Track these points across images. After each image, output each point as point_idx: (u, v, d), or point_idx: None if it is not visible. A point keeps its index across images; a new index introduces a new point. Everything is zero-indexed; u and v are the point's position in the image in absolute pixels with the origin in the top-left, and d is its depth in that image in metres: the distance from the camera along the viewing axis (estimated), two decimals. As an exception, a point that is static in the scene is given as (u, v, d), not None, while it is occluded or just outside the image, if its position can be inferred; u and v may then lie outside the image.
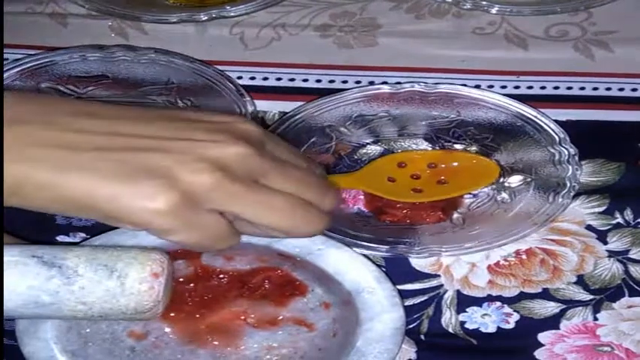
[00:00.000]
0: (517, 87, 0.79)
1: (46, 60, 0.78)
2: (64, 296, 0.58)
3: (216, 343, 0.60)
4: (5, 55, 0.80)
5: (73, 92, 0.77)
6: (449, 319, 0.63)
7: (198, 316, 0.61)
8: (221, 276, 0.63)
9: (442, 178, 0.70)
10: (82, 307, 0.59)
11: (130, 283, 0.59)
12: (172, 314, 0.61)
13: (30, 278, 0.58)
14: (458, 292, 0.65)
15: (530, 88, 0.79)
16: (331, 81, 0.80)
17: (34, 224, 0.68)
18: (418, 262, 0.66)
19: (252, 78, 0.80)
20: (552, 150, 0.72)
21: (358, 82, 0.80)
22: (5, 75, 0.77)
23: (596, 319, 0.63)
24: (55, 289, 0.58)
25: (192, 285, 0.63)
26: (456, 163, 0.71)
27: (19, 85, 0.77)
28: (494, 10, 0.85)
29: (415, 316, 0.63)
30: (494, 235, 0.66)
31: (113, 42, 0.82)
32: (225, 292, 0.62)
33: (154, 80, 0.78)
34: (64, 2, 0.86)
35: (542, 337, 0.62)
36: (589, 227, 0.68)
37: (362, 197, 0.70)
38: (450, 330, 0.63)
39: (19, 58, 0.79)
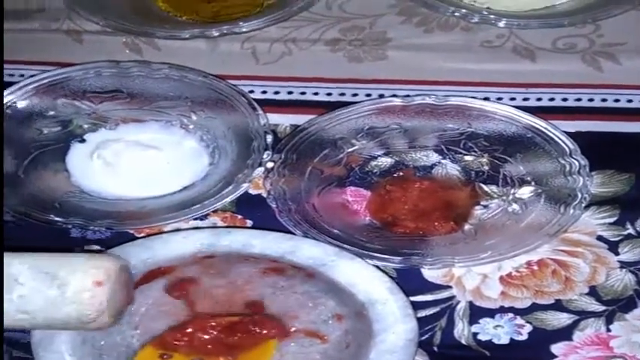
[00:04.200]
0: (526, 99, 0.80)
1: (62, 76, 0.79)
2: (4, 305, 0.56)
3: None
4: (21, 72, 0.81)
5: (89, 107, 0.78)
6: (461, 331, 0.63)
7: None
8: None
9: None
10: (23, 315, 0.57)
11: (72, 291, 0.57)
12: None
13: None
14: (470, 303, 0.65)
15: (539, 99, 0.80)
16: (341, 94, 0.81)
17: (49, 237, 0.69)
18: (430, 274, 0.66)
19: (264, 92, 0.81)
20: (563, 161, 0.72)
21: (368, 95, 0.80)
22: (21, 91, 0.78)
23: (609, 330, 0.63)
24: None
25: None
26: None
27: (36, 101, 0.78)
28: (502, 24, 0.85)
29: (427, 328, 0.63)
30: (506, 246, 0.66)
31: (127, 58, 0.83)
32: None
33: (168, 95, 0.78)
34: (80, 19, 0.87)
35: (555, 348, 0.62)
36: (600, 238, 0.69)
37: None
38: (463, 341, 0.63)
39: (35, 74, 0.80)
